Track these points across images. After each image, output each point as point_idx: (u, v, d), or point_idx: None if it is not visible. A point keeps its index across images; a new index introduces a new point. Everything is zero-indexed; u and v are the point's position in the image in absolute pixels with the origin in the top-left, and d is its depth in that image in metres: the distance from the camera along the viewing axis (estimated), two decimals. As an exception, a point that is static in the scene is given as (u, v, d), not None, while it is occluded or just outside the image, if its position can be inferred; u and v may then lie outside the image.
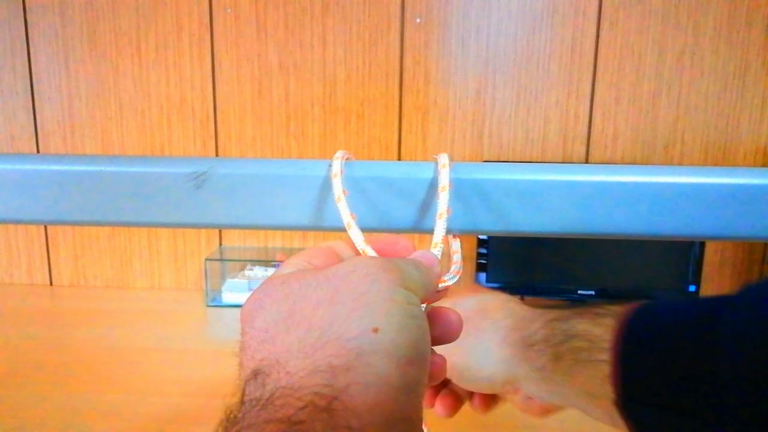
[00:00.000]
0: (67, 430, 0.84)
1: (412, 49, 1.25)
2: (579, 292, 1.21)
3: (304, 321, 0.24)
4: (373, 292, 0.24)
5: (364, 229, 0.34)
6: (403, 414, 0.22)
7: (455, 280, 0.33)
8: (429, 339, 0.26)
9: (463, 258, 0.35)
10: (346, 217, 0.33)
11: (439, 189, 0.34)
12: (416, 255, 0.31)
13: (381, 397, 0.22)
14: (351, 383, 0.22)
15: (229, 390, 0.29)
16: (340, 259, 0.31)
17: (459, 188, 0.36)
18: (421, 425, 0.24)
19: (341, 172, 0.34)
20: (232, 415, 0.23)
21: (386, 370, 0.22)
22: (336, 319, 0.23)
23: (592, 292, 1.20)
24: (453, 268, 0.33)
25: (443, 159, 0.35)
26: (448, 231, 0.34)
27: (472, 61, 1.25)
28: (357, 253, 0.32)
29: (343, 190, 0.34)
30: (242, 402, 0.23)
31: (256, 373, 0.23)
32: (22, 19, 1.28)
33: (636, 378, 0.35)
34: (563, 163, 1.26)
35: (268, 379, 0.23)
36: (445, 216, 0.33)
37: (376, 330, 0.23)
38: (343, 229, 0.35)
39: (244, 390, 0.23)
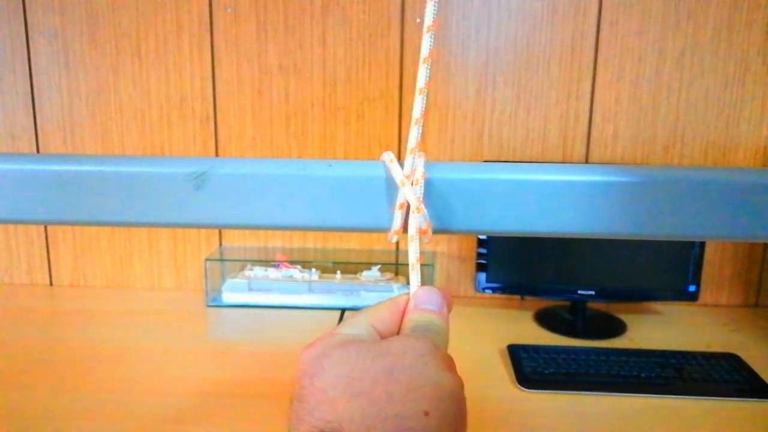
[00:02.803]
0: (67, 430, 0.84)
1: (412, 49, 1.25)
2: (579, 292, 1.21)
3: (365, 393, 0.27)
4: (424, 376, 0.27)
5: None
6: None
7: None
8: (466, 419, 0.29)
9: (461, 259, 0.35)
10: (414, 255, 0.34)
11: (413, 209, 0.33)
12: (425, 303, 0.33)
13: None
14: None
15: (228, 389, 0.29)
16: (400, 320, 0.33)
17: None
18: None
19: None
20: None
21: None
22: (393, 398, 0.26)
23: (592, 292, 1.20)
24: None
25: (418, 168, 0.34)
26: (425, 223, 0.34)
27: (472, 61, 1.25)
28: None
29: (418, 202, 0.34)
30: None
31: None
32: (22, 19, 1.28)
33: None
34: (563, 163, 1.26)
35: None
36: (417, 239, 0.33)
37: (426, 414, 0.26)
38: (340, 229, 0.35)
39: None
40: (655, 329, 1.22)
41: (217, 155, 1.33)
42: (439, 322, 0.32)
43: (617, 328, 1.21)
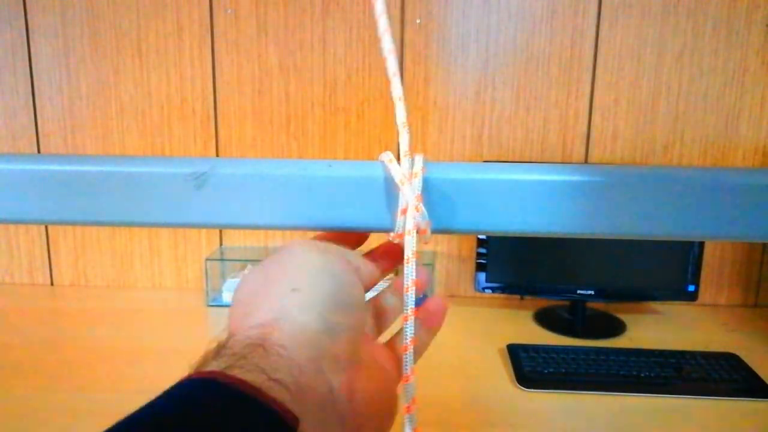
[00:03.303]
0: (68, 430, 0.84)
1: (412, 49, 1.25)
2: (579, 292, 1.21)
3: (245, 298, 0.31)
4: (293, 264, 0.31)
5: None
6: (329, 352, 0.28)
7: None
8: (354, 292, 0.31)
9: (461, 259, 0.35)
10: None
11: (411, 208, 0.34)
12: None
13: (304, 336, 0.27)
14: (276, 329, 0.27)
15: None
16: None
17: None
18: (359, 366, 0.30)
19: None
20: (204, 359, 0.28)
21: (306, 318, 0.28)
22: (266, 284, 0.30)
23: (592, 292, 1.20)
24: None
25: (417, 168, 0.35)
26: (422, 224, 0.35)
27: (471, 62, 1.25)
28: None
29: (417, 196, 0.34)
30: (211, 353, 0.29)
31: (227, 337, 0.29)
32: (23, 20, 1.28)
33: None
34: (563, 163, 1.26)
35: (229, 340, 0.28)
36: (413, 234, 0.34)
37: (295, 290, 0.29)
38: (340, 229, 0.35)
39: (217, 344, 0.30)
40: (654, 329, 1.22)
41: (217, 155, 1.33)
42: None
43: (616, 327, 1.21)
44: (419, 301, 0.35)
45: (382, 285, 0.38)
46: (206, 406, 0.23)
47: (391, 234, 0.36)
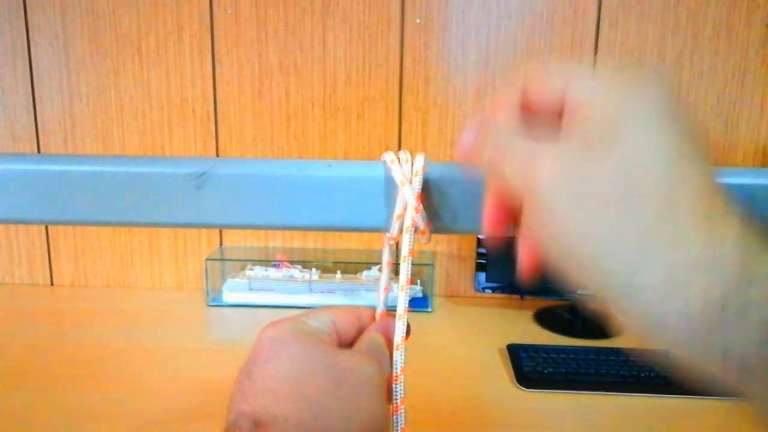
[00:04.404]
0: (67, 430, 0.84)
1: (412, 49, 1.25)
2: (579, 292, 1.21)
3: (307, 398, 0.29)
4: (363, 403, 0.30)
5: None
6: None
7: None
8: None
9: (461, 258, 0.35)
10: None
11: (410, 209, 0.34)
12: (389, 330, 0.35)
13: None
14: None
15: (229, 389, 0.31)
16: (361, 330, 0.36)
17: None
18: None
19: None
20: None
21: None
22: (331, 413, 0.29)
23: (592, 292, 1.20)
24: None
25: (418, 169, 0.35)
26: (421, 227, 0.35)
27: (472, 61, 1.25)
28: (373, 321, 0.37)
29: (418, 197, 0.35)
30: None
31: (257, 424, 0.28)
32: (23, 19, 1.28)
33: None
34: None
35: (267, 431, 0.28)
36: (411, 231, 0.34)
37: (316, 418, 0.28)
38: (340, 229, 0.35)
39: (241, 428, 0.28)
40: (654, 329, 1.21)
41: (217, 155, 1.33)
42: (387, 351, 0.35)
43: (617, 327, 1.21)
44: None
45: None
46: None
47: (387, 234, 0.36)
